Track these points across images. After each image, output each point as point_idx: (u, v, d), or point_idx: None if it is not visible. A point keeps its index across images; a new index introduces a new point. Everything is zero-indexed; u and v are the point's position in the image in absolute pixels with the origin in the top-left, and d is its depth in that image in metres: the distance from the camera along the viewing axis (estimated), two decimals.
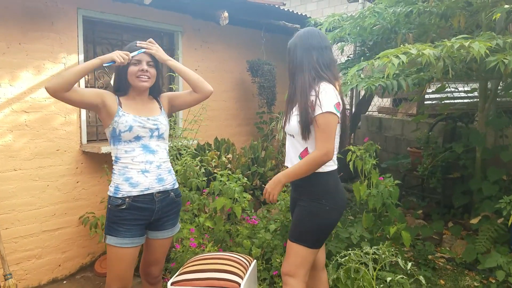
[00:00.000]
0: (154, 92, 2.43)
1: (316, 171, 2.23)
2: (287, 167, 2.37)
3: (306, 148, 2.26)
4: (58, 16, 3.51)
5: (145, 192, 2.26)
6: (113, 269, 2.27)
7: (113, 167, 2.31)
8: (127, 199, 2.22)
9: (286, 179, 2.26)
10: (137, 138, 2.26)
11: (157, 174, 2.31)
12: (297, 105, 2.23)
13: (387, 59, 2.69)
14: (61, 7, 3.52)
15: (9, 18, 3.24)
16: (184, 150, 3.64)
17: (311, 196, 2.26)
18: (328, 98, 2.15)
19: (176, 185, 2.45)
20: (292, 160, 2.33)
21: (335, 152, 2.30)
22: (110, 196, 2.27)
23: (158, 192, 2.31)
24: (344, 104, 2.29)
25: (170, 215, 2.41)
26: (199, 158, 3.69)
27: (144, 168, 2.27)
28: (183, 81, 4.43)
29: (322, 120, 2.15)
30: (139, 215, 2.26)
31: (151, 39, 2.37)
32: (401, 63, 2.69)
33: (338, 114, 2.19)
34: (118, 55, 2.18)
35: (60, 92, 2.08)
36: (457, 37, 2.90)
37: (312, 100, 2.16)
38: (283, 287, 2.34)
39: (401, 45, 3.03)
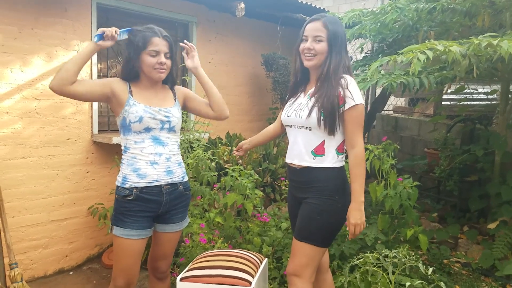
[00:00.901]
0: (169, 81, 2.35)
1: (325, 166, 2.15)
2: (292, 165, 2.26)
3: (323, 141, 2.14)
4: (72, 2, 3.44)
5: (153, 184, 2.20)
6: (119, 261, 2.21)
7: (122, 156, 2.25)
8: (135, 190, 2.17)
9: (362, 195, 2.12)
10: (147, 129, 2.19)
11: (166, 166, 2.24)
12: (321, 94, 2.11)
13: (412, 55, 2.59)
14: None
15: (21, 2, 3.17)
16: (196, 143, 3.56)
17: (323, 193, 2.15)
18: (357, 89, 2.09)
19: (186, 178, 2.38)
20: (303, 156, 2.19)
21: (345, 148, 2.22)
22: (118, 186, 2.22)
23: (167, 184, 2.24)
24: None
25: (179, 208, 2.34)
26: (211, 151, 3.61)
27: (153, 160, 2.20)
28: None
29: (356, 113, 2.08)
30: (146, 207, 2.19)
31: (193, 46, 2.34)
32: (425, 60, 2.58)
33: None
34: (108, 29, 2.11)
35: (65, 86, 2.01)
36: (484, 35, 2.78)
37: (340, 92, 2.06)
38: (289, 287, 2.25)
39: (426, 42, 2.92)
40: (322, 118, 2.09)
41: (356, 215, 2.09)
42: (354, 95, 2.07)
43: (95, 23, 3.61)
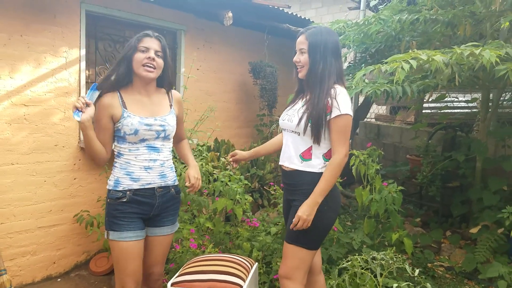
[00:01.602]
0: (164, 84, 2.32)
1: (312, 171, 2.22)
2: (283, 167, 2.36)
3: (310, 147, 2.23)
4: (61, 9, 3.46)
5: (147, 187, 2.21)
6: (122, 265, 2.19)
7: (115, 160, 2.24)
8: (128, 192, 2.18)
9: (321, 196, 2.18)
10: (142, 140, 2.20)
11: (160, 171, 2.26)
12: (311, 102, 2.19)
13: (397, 64, 2.67)
14: (64, 0, 3.47)
15: (11, 9, 3.18)
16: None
17: (307, 197, 2.20)
18: (346, 100, 2.16)
19: (177, 182, 2.40)
20: (293, 159, 2.28)
21: None
22: (109, 190, 2.21)
23: (160, 187, 2.26)
24: None
25: (170, 211, 2.35)
26: (200, 158, 3.64)
27: (148, 165, 2.22)
28: (184, 80, 4.40)
29: (340, 122, 2.14)
30: (139, 209, 2.20)
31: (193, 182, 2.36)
32: (409, 69, 2.67)
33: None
34: (76, 104, 2.04)
35: (104, 161, 2.19)
36: (466, 45, 2.89)
37: (328, 101, 2.13)
38: None
39: (408, 52, 3.01)
40: (309, 125, 2.18)
41: (305, 210, 2.15)
42: (340, 105, 2.14)
43: (84, 30, 3.63)
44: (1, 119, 3.19)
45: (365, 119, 6.95)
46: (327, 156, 2.25)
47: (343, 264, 2.52)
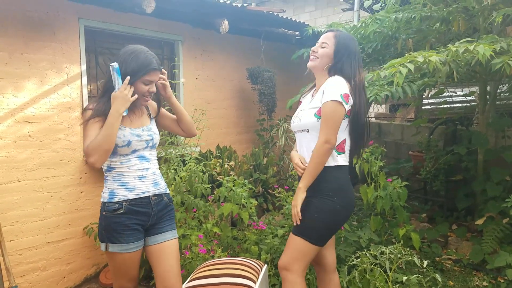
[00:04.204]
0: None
1: (328, 164, 2.21)
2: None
3: None
4: (59, 25, 3.51)
5: (142, 195, 2.21)
6: (123, 272, 2.22)
7: (106, 174, 2.24)
8: (124, 203, 2.16)
9: (304, 183, 2.21)
10: (134, 151, 2.21)
11: (153, 179, 2.28)
12: (317, 98, 2.25)
13: (394, 69, 2.71)
14: (62, 16, 3.52)
15: (11, 28, 3.23)
16: (188, 156, 3.63)
17: (323, 192, 2.23)
18: (335, 87, 2.16)
19: (168, 190, 2.41)
20: (306, 159, 2.30)
21: (347, 149, 2.29)
22: (105, 203, 2.19)
23: (154, 195, 2.27)
24: (361, 105, 2.25)
25: (166, 219, 2.34)
26: (203, 163, 3.68)
27: (141, 174, 2.23)
28: (184, 89, 4.45)
29: (325, 109, 2.16)
30: (137, 220, 2.19)
31: (164, 72, 2.31)
32: (407, 72, 2.71)
33: (346, 106, 2.17)
34: (125, 98, 2.09)
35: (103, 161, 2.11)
36: (460, 41, 2.93)
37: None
38: (282, 283, 2.31)
39: (406, 51, 3.06)
40: (316, 119, 2.22)
41: (294, 197, 2.23)
42: (326, 93, 2.17)
43: (84, 45, 3.67)
44: (6, 137, 3.23)
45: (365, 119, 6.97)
46: (340, 149, 2.25)
47: (352, 261, 2.53)
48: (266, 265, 2.78)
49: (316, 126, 2.22)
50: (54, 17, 3.47)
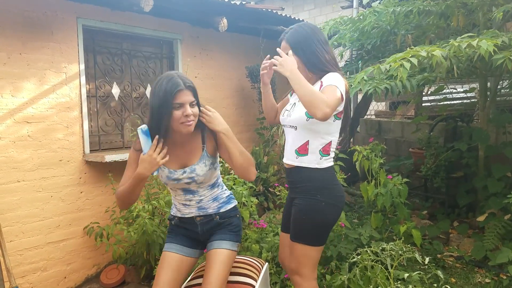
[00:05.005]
0: (199, 126, 2.11)
1: (311, 166, 2.19)
2: (285, 164, 2.34)
3: (307, 141, 2.20)
4: (57, 25, 3.50)
5: (186, 216, 2.27)
6: (157, 274, 2.18)
7: None
8: (176, 218, 2.33)
9: (294, 76, 2.07)
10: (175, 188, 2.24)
11: (198, 206, 2.25)
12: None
13: (397, 64, 2.69)
14: (60, 16, 3.51)
15: (9, 28, 3.22)
16: None
17: (307, 193, 2.21)
18: (337, 80, 2.11)
19: (223, 209, 2.28)
20: (289, 155, 2.28)
21: (333, 150, 2.27)
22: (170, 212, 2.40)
23: (199, 216, 2.26)
24: (347, 102, 2.22)
25: (219, 233, 2.27)
26: None
27: (185, 203, 2.25)
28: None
29: (327, 89, 2.06)
30: (184, 230, 2.31)
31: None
32: (410, 67, 2.70)
33: (339, 107, 2.13)
34: (152, 162, 1.95)
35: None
36: (462, 36, 2.91)
37: (322, 83, 2.14)
38: (295, 287, 2.33)
39: (405, 48, 3.04)
40: (306, 117, 2.16)
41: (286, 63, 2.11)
42: (328, 79, 2.10)
43: (82, 44, 3.66)
44: (5, 137, 3.22)
45: (365, 116, 6.98)
46: (325, 151, 2.21)
47: (353, 258, 2.52)
48: (267, 263, 2.76)
49: (304, 125, 2.18)
50: (53, 17, 3.46)
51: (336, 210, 2.26)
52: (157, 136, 1.96)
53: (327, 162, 2.24)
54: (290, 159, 2.28)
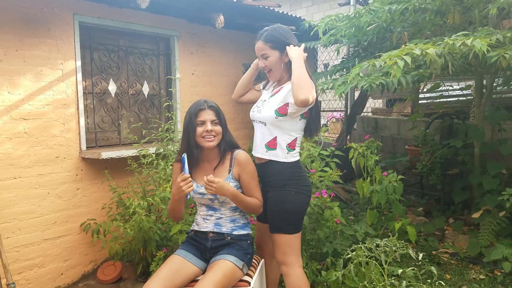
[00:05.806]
0: (226, 147, 2.37)
1: (278, 160, 2.36)
2: (256, 159, 2.49)
3: (275, 137, 2.36)
4: (54, 22, 3.49)
5: (202, 230, 2.43)
6: (158, 270, 2.25)
7: None
8: (192, 232, 2.50)
9: (299, 62, 2.31)
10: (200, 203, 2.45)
11: (215, 222, 2.42)
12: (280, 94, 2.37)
13: (392, 62, 2.71)
14: (57, 13, 3.50)
15: (5, 25, 3.21)
16: None
17: (277, 186, 2.38)
18: (313, 84, 2.31)
19: (236, 231, 2.40)
20: (258, 148, 2.45)
21: (298, 146, 2.42)
22: None
23: (213, 232, 2.40)
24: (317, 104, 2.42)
25: (226, 250, 2.36)
26: None
27: (205, 217, 2.45)
28: (180, 85, 4.43)
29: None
30: (196, 242, 2.44)
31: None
32: (403, 65, 2.72)
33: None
34: (178, 189, 2.20)
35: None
36: (457, 34, 2.93)
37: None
38: (284, 277, 2.44)
39: (400, 44, 3.05)
40: (276, 116, 2.33)
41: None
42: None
43: (78, 41, 3.66)
44: (2, 134, 3.22)
45: (362, 114, 7.00)
46: (291, 147, 2.39)
47: (347, 254, 2.55)
48: (263, 259, 2.78)
49: (273, 122, 2.35)
50: (49, 14, 3.46)
51: (304, 198, 2.43)
52: (187, 168, 2.22)
53: (293, 156, 2.41)
54: (260, 152, 2.44)
